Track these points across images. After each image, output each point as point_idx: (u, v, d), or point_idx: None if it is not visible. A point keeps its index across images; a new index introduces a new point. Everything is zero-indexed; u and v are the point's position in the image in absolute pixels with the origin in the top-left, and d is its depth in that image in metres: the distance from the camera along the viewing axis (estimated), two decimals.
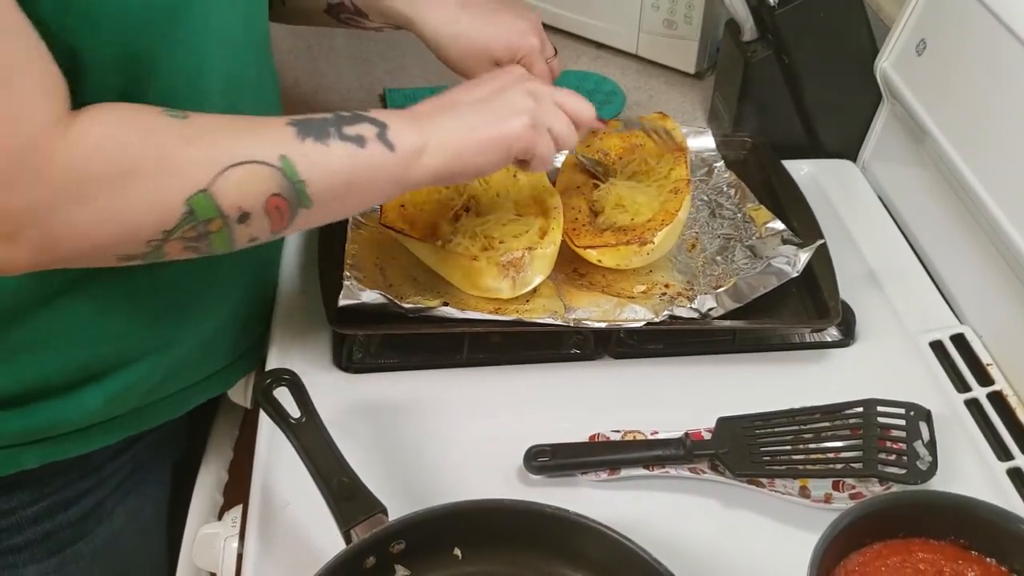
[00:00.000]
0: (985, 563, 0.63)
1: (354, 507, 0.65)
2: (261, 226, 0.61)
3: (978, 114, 0.87)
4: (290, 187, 0.61)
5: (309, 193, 0.62)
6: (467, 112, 0.70)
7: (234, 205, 0.59)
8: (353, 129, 0.64)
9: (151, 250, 0.59)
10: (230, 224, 0.60)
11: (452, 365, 0.84)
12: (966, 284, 0.92)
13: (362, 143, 0.64)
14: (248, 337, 0.88)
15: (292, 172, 0.61)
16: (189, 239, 0.59)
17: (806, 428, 0.75)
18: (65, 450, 0.76)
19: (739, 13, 1.04)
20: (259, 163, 0.59)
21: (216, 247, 0.61)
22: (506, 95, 0.72)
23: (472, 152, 0.69)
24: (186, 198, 0.57)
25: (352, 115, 0.65)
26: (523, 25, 0.86)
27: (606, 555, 0.64)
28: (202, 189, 0.57)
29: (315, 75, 1.24)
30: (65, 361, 0.72)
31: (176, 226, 0.58)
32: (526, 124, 0.71)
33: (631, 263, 0.85)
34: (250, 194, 0.59)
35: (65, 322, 0.70)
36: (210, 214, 0.58)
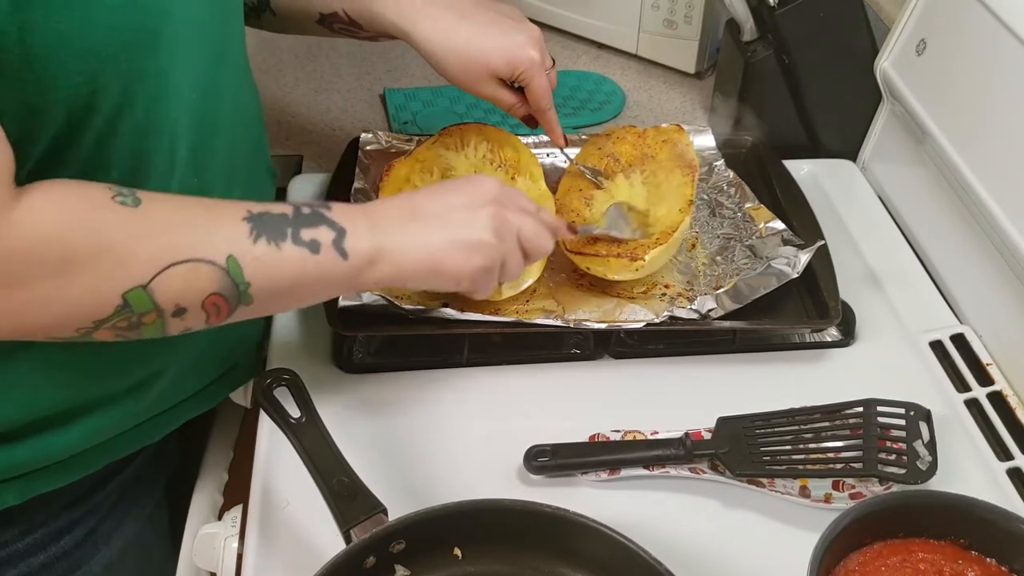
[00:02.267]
0: (985, 563, 0.63)
1: (354, 507, 0.65)
2: (196, 320, 0.60)
3: (978, 114, 0.87)
4: (232, 287, 0.60)
5: (251, 293, 0.61)
6: (427, 227, 0.68)
7: (171, 301, 0.58)
8: (310, 233, 0.62)
9: (80, 335, 0.58)
10: (164, 317, 0.59)
11: (452, 365, 0.84)
12: (966, 284, 0.92)
13: (316, 249, 0.62)
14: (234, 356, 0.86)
15: (237, 274, 0.59)
16: (120, 328, 0.58)
17: (806, 428, 0.75)
18: (47, 483, 0.74)
19: (739, 13, 1.04)
20: (204, 262, 0.58)
21: (146, 335, 0.60)
22: (472, 220, 0.69)
23: (422, 274, 0.68)
24: (123, 292, 0.56)
25: (312, 213, 0.63)
26: (522, 38, 0.83)
27: (606, 555, 0.64)
28: (141, 285, 0.56)
29: (315, 75, 1.24)
30: (43, 401, 0.71)
31: (108, 317, 0.57)
32: (479, 266, 0.69)
33: (619, 276, 0.84)
34: (189, 292, 0.58)
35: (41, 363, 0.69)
36: (145, 308, 0.57)
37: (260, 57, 1.25)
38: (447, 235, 0.68)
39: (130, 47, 0.59)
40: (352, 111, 1.19)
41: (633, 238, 0.85)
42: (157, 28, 0.60)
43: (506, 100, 0.86)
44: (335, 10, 0.85)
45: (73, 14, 0.55)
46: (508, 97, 0.86)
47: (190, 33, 0.64)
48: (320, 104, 1.19)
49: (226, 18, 0.71)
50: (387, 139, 1.01)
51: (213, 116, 0.70)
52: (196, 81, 0.66)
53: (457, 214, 0.69)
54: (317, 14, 0.87)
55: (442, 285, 0.70)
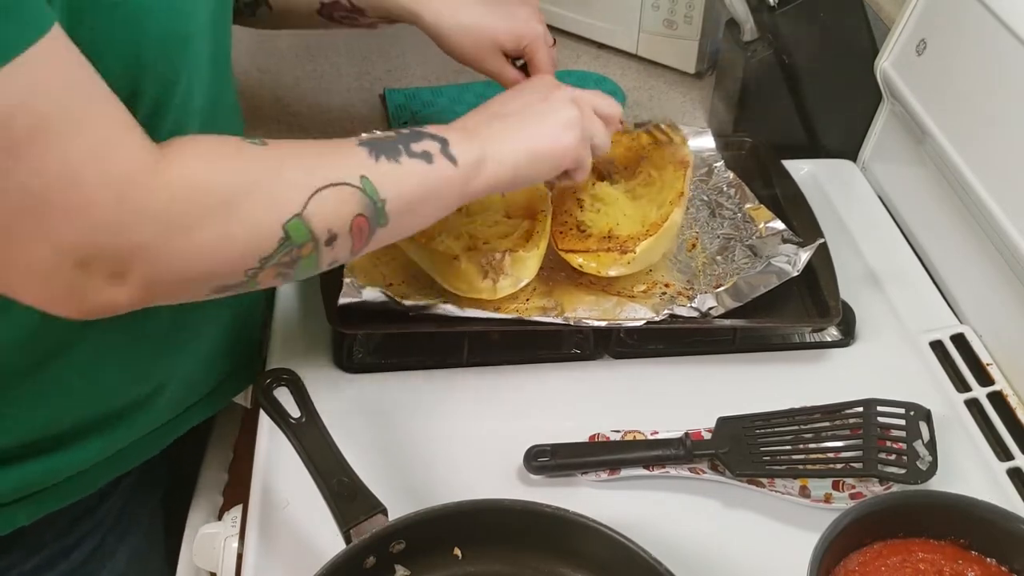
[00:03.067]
0: (985, 563, 0.63)
1: (354, 507, 0.65)
2: (344, 247, 0.62)
3: (978, 114, 0.87)
4: (372, 206, 0.61)
5: (387, 211, 0.62)
6: (517, 123, 0.71)
7: (324, 228, 0.59)
8: (419, 146, 0.65)
9: (247, 279, 0.59)
10: (319, 247, 0.60)
11: (452, 365, 0.84)
12: (966, 284, 0.92)
13: (429, 159, 0.65)
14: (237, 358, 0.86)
15: (373, 192, 0.61)
16: (283, 265, 0.59)
17: (806, 428, 0.75)
18: (56, 501, 0.74)
19: (739, 13, 1.04)
20: (344, 185, 0.60)
21: (301, 272, 0.61)
22: (551, 104, 0.74)
23: (527, 164, 0.71)
24: (283, 223, 0.57)
25: (412, 132, 0.66)
26: (525, 12, 0.86)
27: (606, 555, 0.64)
28: (296, 213, 0.58)
29: (315, 75, 1.24)
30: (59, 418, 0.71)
31: (274, 252, 0.58)
32: (577, 137, 0.73)
33: (611, 271, 0.84)
34: (338, 216, 0.60)
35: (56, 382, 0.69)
36: (304, 238, 0.59)
37: (260, 57, 1.25)
38: (536, 122, 0.72)
39: (168, 51, 0.60)
40: (352, 111, 1.19)
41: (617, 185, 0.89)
42: (188, 32, 0.61)
43: (510, 75, 0.88)
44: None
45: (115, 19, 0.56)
46: (512, 73, 0.88)
47: (204, 36, 0.65)
48: (320, 104, 1.19)
49: (225, 18, 0.71)
50: None
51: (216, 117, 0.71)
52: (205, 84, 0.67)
53: (537, 104, 0.73)
54: (318, 3, 0.87)
55: (548, 169, 0.73)
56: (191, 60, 0.63)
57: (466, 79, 1.21)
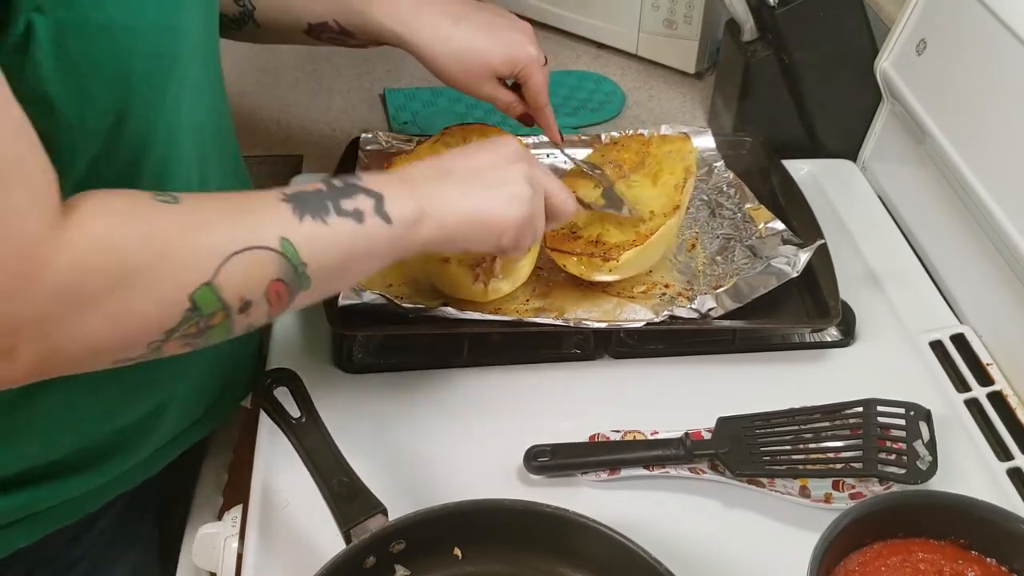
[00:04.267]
0: (985, 563, 0.63)
1: (354, 507, 0.65)
2: (260, 312, 0.58)
3: (978, 114, 0.87)
4: (291, 270, 0.57)
5: (309, 274, 0.58)
6: (466, 184, 0.67)
7: (236, 296, 0.55)
8: (350, 203, 0.60)
9: (150, 351, 0.55)
10: (232, 315, 0.56)
11: (452, 365, 0.84)
12: (966, 284, 0.92)
13: (360, 218, 0.60)
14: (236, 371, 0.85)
15: (293, 255, 0.57)
16: (189, 336, 0.55)
17: (806, 428, 0.75)
18: (57, 520, 0.73)
19: (739, 13, 1.04)
20: (260, 248, 0.56)
21: (213, 340, 0.57)
22: (506, 174, 0.69)
23: (466, 229, 0.67)
24: (189, 293, 0.54)
25: (345, 186, 0.61)
26: (519, 36, 0.84)
27: (606, 555, 0.64)
28: (206, 282, 0.54)
29: (315, 75, 1.24)
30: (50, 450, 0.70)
31: (179, 324, 0.54)
32: (524, 215, 0.68)
33: (594, 276, 0.83)
34: (252, 282, 0.56)
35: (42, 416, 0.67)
36: (213, 307, 0.55)
37: (260, 57, 1.25)
38: (484, 189, 0.68)
39: (156, 72, 0.59)
40: (352, 111, 1.19)
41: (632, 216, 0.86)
42: (176, 52, 0.60)
43: (504, 99, 0.87)
44: (324, 20, 0.84)
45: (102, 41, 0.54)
46: (506, 96, 0.86)
47: (193, 55, 0.63)
48: (320, 104, 1.19)
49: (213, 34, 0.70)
50: (387, 139, 1.01)
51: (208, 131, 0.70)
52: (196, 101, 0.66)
53: (490, 171, 0.69)
54: (305, 24, 0.85)
55: (486, 238, 0.68)
56: (180, 79, 0.61)
57: None
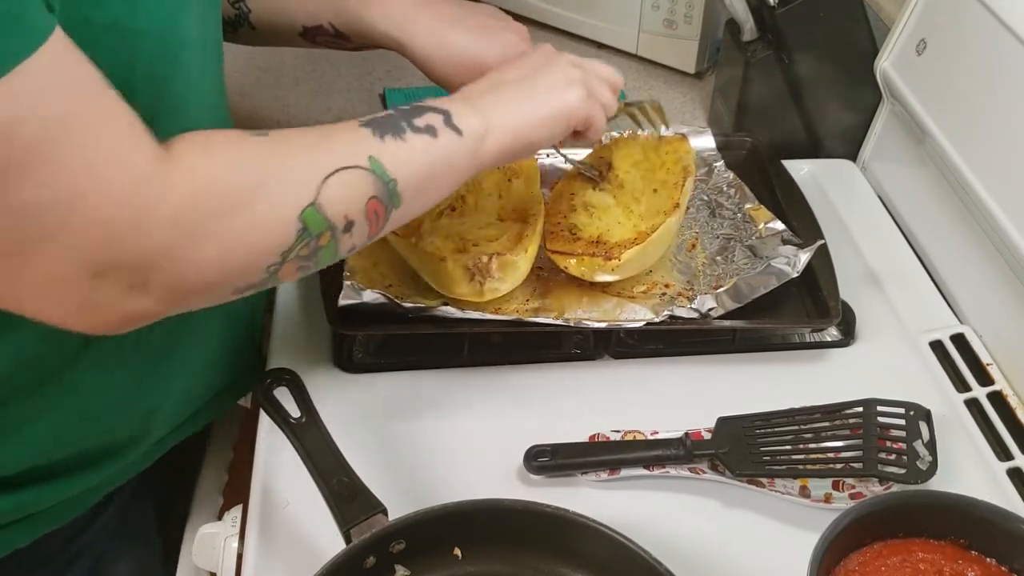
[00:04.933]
0: (985, 563, 0.63)
1: (354, 507, 0.65)
2: (361, 233, 0.61)
3: (978, 114, 0.87)
4: (383, 187, 0.60)
5: (399, 191, 0.61)
6: (519, 89, 0.70)
7: (340, 214, 0.58)
8: (422, 120, 0.63)
9: (269, 275, 0.58)
10: (337, 235, 0.59)
11: (452, 365, 0.84)
12: (966, 284, 0.92)
13: (434, 132, 0.63)
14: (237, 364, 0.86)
15: (382, 172, 0.60)
16: (302, 258, 0.58)
17: (806, 428, 0.75)
18: (55, 520, 0.74)
19: (739, 13, 1.04)
20: (352, 168, 0.59)
21: (322, 263, 0.60)
22: (552, 68, 0.73)
23: (534, 127, 0.70)
24: (298, 214, 0.56)
25: (413, 108, 0.64)
26: (513, 38, 0.84)
27: (606, 555, 0.64)
28: (311, 202, 0.57)
29: (315, 75, 1.24)
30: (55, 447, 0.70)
31: (293, 245, 0.57)
32: (582, 95, 0.72)
33: (596, 276, 0.83)
34: (352, 200, 0.59)
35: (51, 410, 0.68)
36: (321, 227, 0.57)
37: (260, 57, 1.25)
38: (539, 87, 0.71)
39: (158, 72, 0.59)
40: (352, 111, 1.19)
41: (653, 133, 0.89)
42: (178, 52, 0.60)
43: None
44: (320, 23, 0.84)
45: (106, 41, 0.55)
46: None
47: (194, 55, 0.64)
48: (320, 104, 1.19)
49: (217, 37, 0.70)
50: None
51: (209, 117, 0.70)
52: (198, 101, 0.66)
53: (539, 71, 0.73)
54: (300, 27, 0.86)
55: (557, 129, 0.72)
56: (181, 79, 0.62)
57: None
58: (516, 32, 0.85)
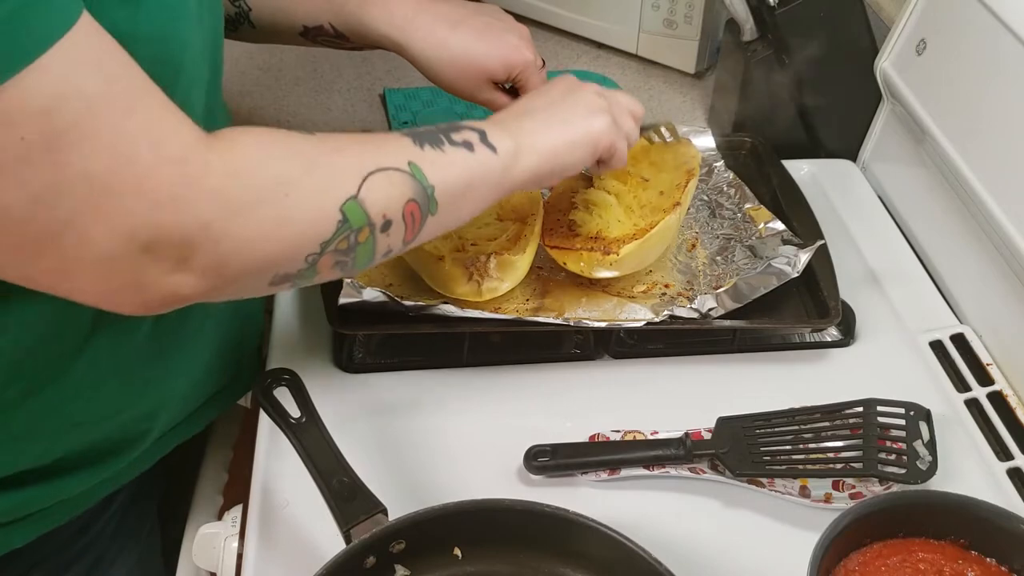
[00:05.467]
0: (985, 563, 0.63)
1: (354, 507, 0.65)
2: (398, 235, 0.62)
3: (978, 114, 0.87)
4: (422, 192, 0.62)
5: (436, 197, 0.63)
6: (547, 115, 0.72)
7: (379, 212, 0.59)
8: (459, 135, 0.65)
9: (308, 266, 0.58)
10: (375, 233, 0.60)
11: (452, 365, 0.84)
12: (966, 284, 0.92)
13: (471, 147, 0.65)
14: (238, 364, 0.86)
15: (422, 177, 0.62)
16: (341, 252, 0.59)
17: (806, 428, 0.75)
18: (54, 520, 0.74)
19: (739, 13, 1.04)
20: (393, 169, 0.60)
21: (360, 260, 0.61)
22: (578, 97, 0.74)
23: (563, 151, 0.72)
24: (340, 205, 0.57)
25: (452, 125, 0.66)
26: (514, 40, 0.84)
27: (606, 555, 0.64)
28: (352, 196, 0.58)
29: (315, 75, 1.24)
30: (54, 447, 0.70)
31: (333, 236, 0.58)
32: (608, 122, 0.74)
33: (594, 272, 0.83)
34: (392, 200, 0.60)
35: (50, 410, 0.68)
36: (360, 222, 0.59)
37: (260, 57, 1.25)
38: (564, 114, 0.73)
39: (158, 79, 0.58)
40: (352, 111, 1.19)
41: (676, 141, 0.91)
42: (180, 61, 0.60)
43: (502, 103, 0.86)
44: (320, 23, 0.84)
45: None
46: (504, 100, 0.86)
47: (199, 63, 0.64)
48: (320, 104, 1.19)
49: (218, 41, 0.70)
50: None
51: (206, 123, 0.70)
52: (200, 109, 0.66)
53: (564, 99, 0.75)
54: (300, 26, 0.86)
55: (584, 155, 0.74)
56: (185, 85, 0.62)
57: None
58: (518, 33, 0.84)
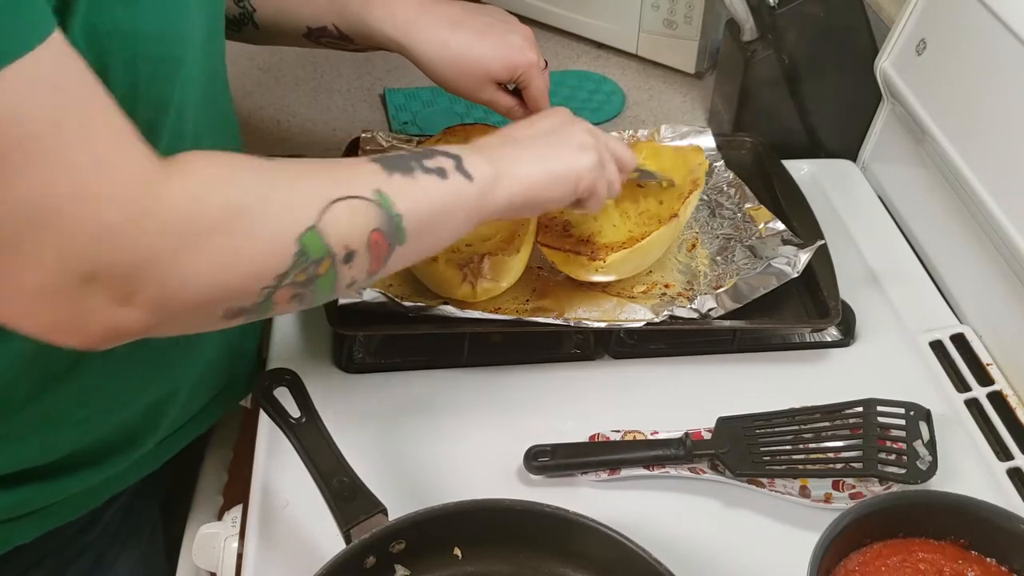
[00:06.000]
0: (985, 563, 0.63)
1: (354, 507, 0.65)
2: (362, 266, 0.59)
3: (978, 114, 0.87)
4: (388, 221, 0.59)
5: (404, 227, 0.60)
6: (532, 146, 0.70)
7: (341, 242, 0.57)
8: (432, 162, 0.63)
9: (263, 299, 0.56)
10: (336, 264, 0.57)
11: (452, 365, 0.84)
12: (966, 284, 0.92)
13: (444, 174, 0.63)
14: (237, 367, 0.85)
15: (388, 206, 0.59)
16: (299, 284, 0.56)
17: (806, 428, 0.75)
18: (58, 518, 0.74)
19: (739, 13, 1.04)
20: (359, 198, 0.58)
21: (320, 293, 0.58)
22: (567, 131, 0.72)
23: (543, 184, 0.69)
24: (297, 236, 0.55)
25: (425, 151, 0.64)
26: (518, 41, 0.83)
27: (606, 555, 0.64)
28: (311, 226, 0.55)
29: (315, 75, 1.24)
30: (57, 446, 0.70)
31: (289, 268, 0.55)
32: (594, 161, 0.71)
33: (580, 275, 0.83)
34: (355, 229, 0.57)
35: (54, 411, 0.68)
36: (320, 253, 0.56)
37: (260, 57, 1.25)
38: (551, 147, 0.71)
39: (161, 76, 0.59)
40: (352, 111, 1.19)
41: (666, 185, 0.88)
42: (181, 56, 0.60)
43: (504, 104, 0.86)
44: (324, 24, 0.84)
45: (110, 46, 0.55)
46: (506, 100, 0.86)
47: (197, 58, 0.63)
48: (320, 104, 1.19)
49: (218, 38, 0.70)
50: (387, 139, 1.01)
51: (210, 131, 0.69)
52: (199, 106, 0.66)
53: (552, 132, 0.72)
54: (304, 28, 0.85)
55: (564, 191, 0.71)
56: (184, 83, 0.62)
57: None
58: (521, 34, 0.84)
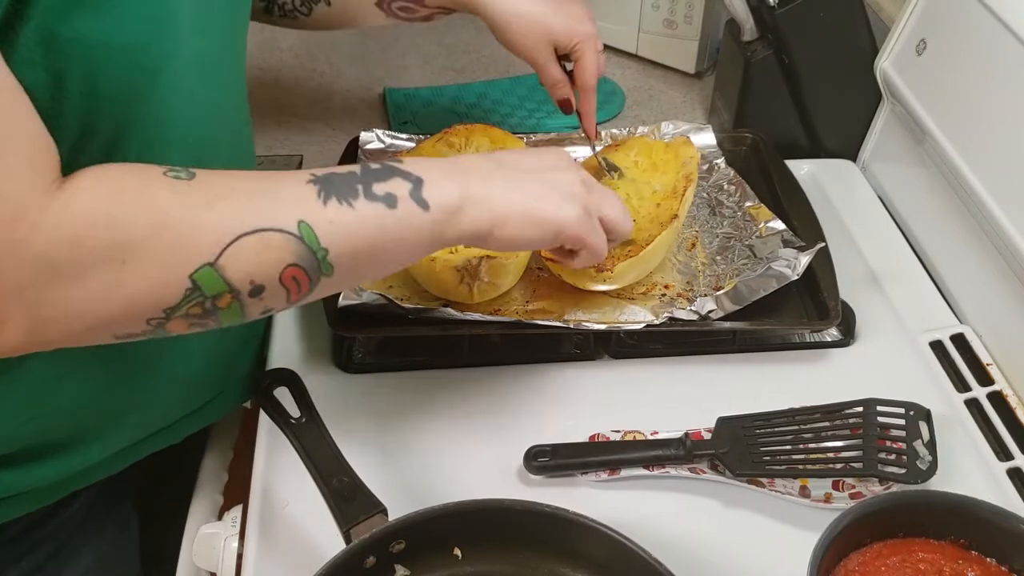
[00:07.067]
0: (985, 563, 0.63)
1: (354, 507, 0.65)
2: (277, 298, 0.55)
3: (978, 114, 0.87)
4: (309, 256, 0.55)
5: (331, 261, 0.56)
6: (516, 177, 0.64)
7: (245, 279, 0.53)
8: (383, 187, 0.57)
9: (152, 328, 0.53)
10: (242, 299, 0.54)
11: (452, 365, 0.84)
12: (966, 284, 0.92)
13: (393, 203, 0.57)
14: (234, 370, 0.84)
15: (312, 240, 0.54)
16: (194, 316, 0.53)
17: (806, 428, 0.75)
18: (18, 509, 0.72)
19: (739, 13, 1.04)
20: (274, 231, 0.53)
21: (225, 322, 0.55)
22: (559, 176, 0.66)
23: (517, 223, 0.62)
24: (190, 272, 0.51)
25: (382, 168, 0.59)
26: (581, 12, 0.88)
27: (606, 555, 0.64)
28: (208, 263, 0.52)
29: (315, 75, 1.24)
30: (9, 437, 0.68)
31: (179, 303, 0.52)
32: (580, 213, 0.65)
33: (586, 285, 0.83)
34: (264, 266, 0.53)
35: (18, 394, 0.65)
36: (217, 289, 0.53)
37: (260, 57, 1.25)
38: (536, 184, 0.64)
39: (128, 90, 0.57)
40: (352, 111, 1.19)
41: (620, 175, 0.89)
42: (157, 68, 0.57)
43: (554, 74, 0.89)
44: None
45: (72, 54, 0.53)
46: (557, 72, 0.89)
47: (190, 69, 0.61)
48: (320, 104, 1.19)
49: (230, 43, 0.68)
50: (387, 139, 1.01)
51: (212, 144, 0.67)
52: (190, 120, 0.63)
53: (543, 171, 0.66)
54: None
55: (542, 235, 0.64)
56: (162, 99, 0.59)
57: (466, 79, 1.21)
58: (584, 9, 0.88)
